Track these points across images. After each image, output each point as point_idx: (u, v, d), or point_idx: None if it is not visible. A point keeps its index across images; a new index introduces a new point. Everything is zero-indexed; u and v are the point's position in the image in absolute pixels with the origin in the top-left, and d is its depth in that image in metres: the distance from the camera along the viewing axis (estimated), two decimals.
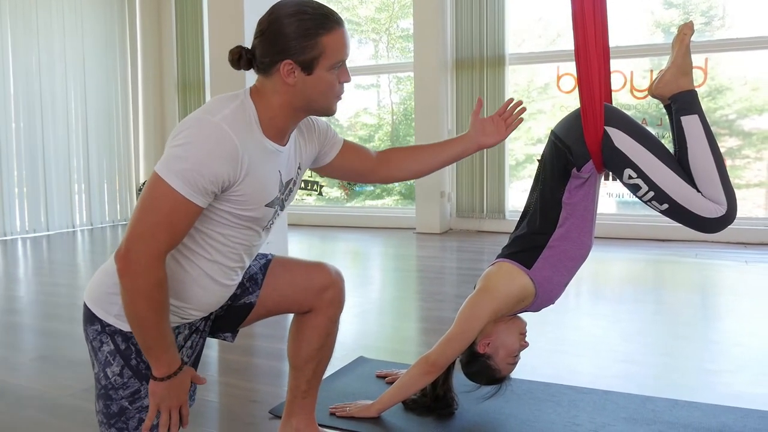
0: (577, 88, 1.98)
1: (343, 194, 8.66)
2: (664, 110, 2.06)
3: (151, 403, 1.52)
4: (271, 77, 1.52)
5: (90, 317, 1.60)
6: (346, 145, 1.90)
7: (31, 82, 7.31)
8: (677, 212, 1.93)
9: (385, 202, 8.60)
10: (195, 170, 1.40)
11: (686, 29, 1.97)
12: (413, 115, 7.43)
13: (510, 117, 1.99)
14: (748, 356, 2.85)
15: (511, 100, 2.02)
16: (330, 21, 1.49)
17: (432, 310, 3.85)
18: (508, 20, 6.94)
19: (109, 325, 1.57)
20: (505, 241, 2.23)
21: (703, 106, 1.98)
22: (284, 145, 1.62)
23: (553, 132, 2.08)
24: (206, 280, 1.61)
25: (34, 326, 3.62)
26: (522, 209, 2.20)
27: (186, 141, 1.42)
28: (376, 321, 3.71)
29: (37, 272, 5.40)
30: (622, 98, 6.72)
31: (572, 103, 7.10)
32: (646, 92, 2.17)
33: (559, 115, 8.24)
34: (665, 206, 1.93)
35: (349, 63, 1.60)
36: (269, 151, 1.56)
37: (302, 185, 8.23)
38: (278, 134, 1.58)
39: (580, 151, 1.95)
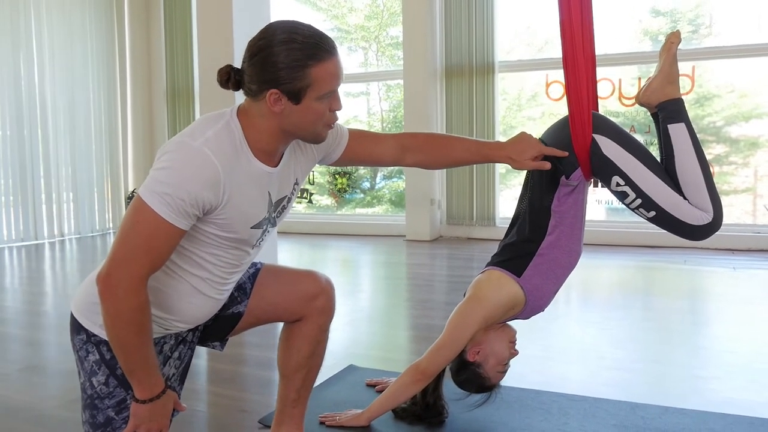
0: (565, 96, 1.99)
1: (333, 202, 8.65)
2: (652, 118, 2.08)
3: (130, 423, 1.52)
4: (258, 102, 1.50)
5: (76, 327, 1.60)
6: (354, 137, 1.86)
7: (18, 90, 7.26)
8: (664, 219, 1.94)
9: (375, 210, 8.60)
10: (176, 194, 1.39)
11: (673, 38, 1.99)
12: (403, 123, 7.44)
13: None
14: (737, 363, 2.87)
15: None
16: (320, 51, 1.45)
17: (422, 318, 3.84)
18: (498, 28, 6.98)
19: (95, 335, 1.57)
20: (495, 248, 2.23)
21: (691, 114, 1.99)
22: (275, 166, 1.59)
23: (540, 140, 2.08)
24: (194, 294, 1.61)
25: (21, 336, 3.59)
26: (511, 217, 2.21)
27: (167, 165, 1.42)
28: (366, 329, 3.70)
29: (25, 281, 5.36)
30: (610, 105, 6.76)
31: (561, 110, 7.13)
32: (634, 100, 2.17)
33: (549, 123, 8.21)
34: (652, 213, 1.94)
35: None
36: (257, 173, 1.54)
37: None
38: (267, 155, 1.56)
39: (569, 158, 1.96)
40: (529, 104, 7.74)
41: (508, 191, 7.50)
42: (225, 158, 1.46)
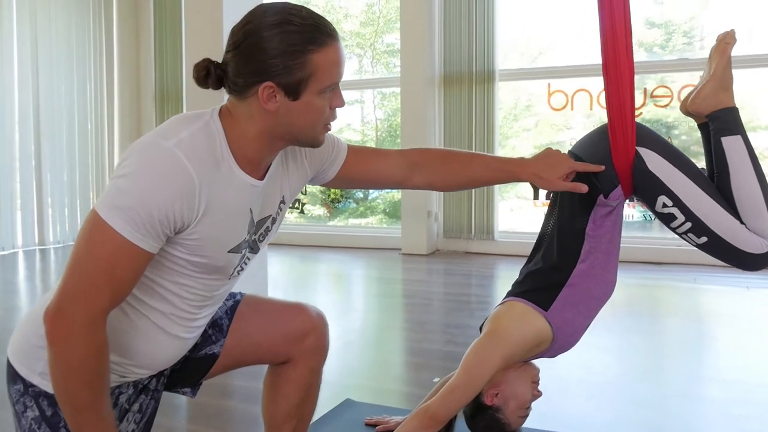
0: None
1: (325, 212, 8.38)
2: (699, 129, 1.82)
3: None
4: (245, 100, 1.23)
5: (12, 375, 1.31)
6: (354, 152, 1.59)
7: (1, 93, 6.94)
8: (717, 247, 1.68)
9: (369, 221, 8.33)
10: (141, 207, 1.12)
11: (728, 38, 1.73)
12: (398, 132, 7.20)
13: None
14: None
15: None
16: (322, 34, 1.20)
17: (420, 342, 3.57)
18: (498, 35, 6.75)
19: (33, 386, 1.28)
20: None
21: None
22: (261, 179, 1.32)
23: (572, 153, 1.81)
24: (156, 333, 1.31)
25: None
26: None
27: (131, 171, 1.14)
28: (361, 355, 3.42)
29: (2, 294, 5.04)
30: None
31: (560, 120, 6.93)
32: (680, 108, 1.89)
33: (546, 133, 8.09)
34: (703, 240, 1.68)
35: None
36: (240, 185, 1.27)
37: None
38: (253, 165, 1.29)
39: (608, 174, 1.70)
40: (522, 114, 7.54)
41: (506, 203, 7.25)
42: (201, 164, 1.19)
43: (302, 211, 8.32)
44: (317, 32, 1.19)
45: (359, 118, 8.60)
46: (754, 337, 3.60)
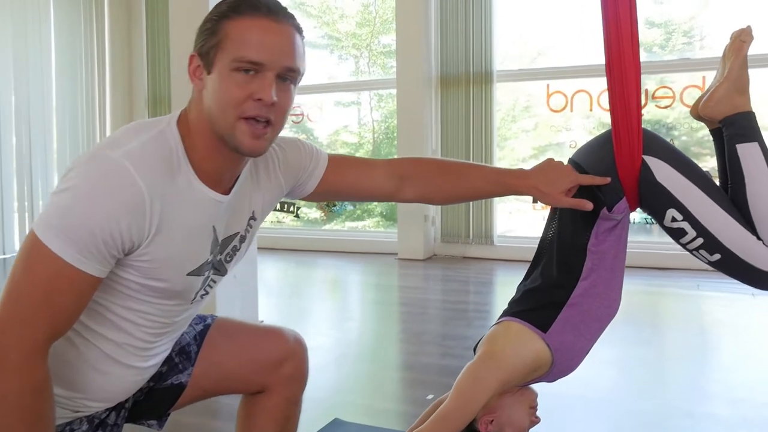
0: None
1: (321, 215, 8.24)
2: (711, 135, 1.68)
3: None
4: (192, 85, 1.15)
5: None
6: (335, 163, 1.44)
7: None
8: (731, 264, 1.54)
9: (365, 224, 8.20)
10: (83, 226, 0.99)
11: (744, 36, 1.58)
12: (395, 133, 7.07)
13: None
14: None
15: None
16: (245, 6, 1.09)
17: (416, 355, 3.43)
18: (496, 36, 6.63)
19: None
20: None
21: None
22: (226, 193, 1.18)
23: (573, 161, 1.67)
24: (108, 363, 1.18)
25: None
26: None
27: (71, 185, 1.01)
28: (353, 369, 3.27)
29: None
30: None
31: (559, 121, 6.80)
32: (690, 112, 1.75)
33: (545, 134, 7.95)
34: (716, 257, 1.54)
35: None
36: (200, 199, 1.13)
37: (277, 206, 7.80)
38: (212, 177, 1.15)
39: (612, 186, 1.56)
40: (521, 115, 7.41)
41: (504, 206, 7.11)
42: (153, 176, 1.06)
43: (297, 215, 8.18)
44: (242, 4, 1.10)
45: (356, 120, 8.47)
46: (762, 348, 3.47)
